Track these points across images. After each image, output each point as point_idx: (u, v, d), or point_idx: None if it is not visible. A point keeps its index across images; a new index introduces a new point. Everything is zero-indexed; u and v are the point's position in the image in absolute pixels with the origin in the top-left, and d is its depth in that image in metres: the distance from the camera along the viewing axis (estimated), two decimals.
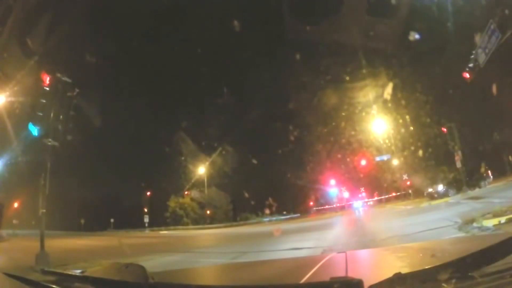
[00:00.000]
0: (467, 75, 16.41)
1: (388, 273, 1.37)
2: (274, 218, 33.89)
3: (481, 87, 19.34)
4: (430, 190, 25.11)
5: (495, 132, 25.62)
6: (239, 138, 31.43)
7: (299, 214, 35.24)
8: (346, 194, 35.47)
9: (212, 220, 35.58)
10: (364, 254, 3.93)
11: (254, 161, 29.66)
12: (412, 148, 26.14)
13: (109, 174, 34.74)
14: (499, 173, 24.61)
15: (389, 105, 24.83)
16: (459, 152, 24.06)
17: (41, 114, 11.45)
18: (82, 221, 31.16)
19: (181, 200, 35.38)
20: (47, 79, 11.56)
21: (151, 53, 31.65)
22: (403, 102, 24.65)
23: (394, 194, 32.92)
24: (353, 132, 28.38)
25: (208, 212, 36.52)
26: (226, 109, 32.21)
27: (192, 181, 35.11)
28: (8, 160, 20.73)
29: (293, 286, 1.94)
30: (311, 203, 36.48)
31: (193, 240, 22.24)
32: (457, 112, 24.41)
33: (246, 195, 31.86)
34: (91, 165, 31.91)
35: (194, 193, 35.78)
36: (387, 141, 28.54)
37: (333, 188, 34.99)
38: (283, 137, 29.18)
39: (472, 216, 9.74)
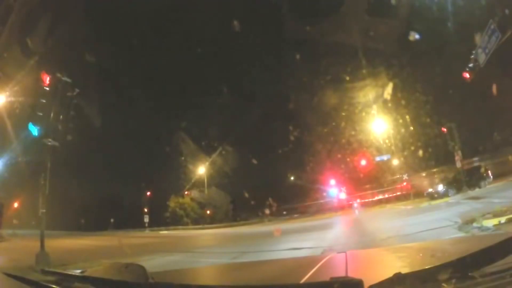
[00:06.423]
0: (467, 75, 16.36)
1: (388, 273, 1.37)
2: (274, 218, 33.85)
3: (481, 87, 19.30)
4: (430, 190, 25.08)
5: (495, 132, 25.62)
6: (239, 138, 31.47)
7: (299, 214, 35.22)
8: (346, 194, 35.43)
9: (212, 220, 35.58)
10: (364, 254, 3.93)
11: (254, 161, 29.67)
12: (412, 148, 26.14)
13: (109, 174, 34.89)
14: (499, 173, 24.55)
15: (389, 105, 24.85)
16: (459, 152, 24.02)
17: (41, 114, 11.44)
18: (82, 221, 31.15)
19: (181, 200, 35.38)
20: (47, 79, 11.55)
21: (151, 53, 31.81)
22: (403, 102, 24.66)
23: (394, 194, 32.87)
24: (353, 132, 28.37)
25: (208, 212, 36.52)
26: (226, 109, 32.30)
27: (192, 181, 35.17)
28: (8, 160, 20.76)
29: (293, 286, 1.94)
30: (311, 203, 36.45)
31: (193, 240, 22.24)
32: (457, 112, 24.39)
33: (246, 195, 31.85)
34: (91, 165, 32.07)
35: (194, 193, 35.79)
36: (387, 141, 28.53)
37: (333, 188, 34.96)
38: (283, 137, 29.21)
39: (472, 216, 9.71)
